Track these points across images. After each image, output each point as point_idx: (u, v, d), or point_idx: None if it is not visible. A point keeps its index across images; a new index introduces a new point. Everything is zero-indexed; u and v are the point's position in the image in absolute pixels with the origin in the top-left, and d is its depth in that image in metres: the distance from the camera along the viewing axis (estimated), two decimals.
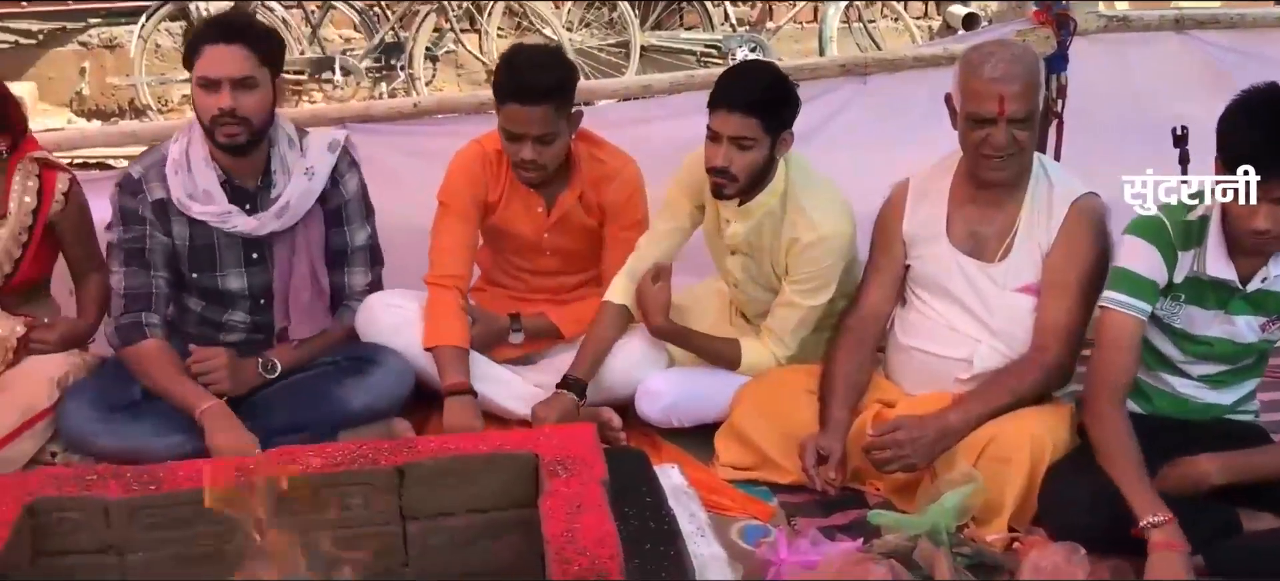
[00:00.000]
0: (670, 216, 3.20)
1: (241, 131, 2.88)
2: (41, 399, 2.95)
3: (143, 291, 2.99)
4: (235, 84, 2.83)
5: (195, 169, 2.98)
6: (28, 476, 2.21)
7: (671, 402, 3.10)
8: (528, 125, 3.00)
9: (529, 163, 3.05)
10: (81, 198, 3.15)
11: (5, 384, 2.98)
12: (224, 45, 2.83)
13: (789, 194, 3.02)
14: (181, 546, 2.16)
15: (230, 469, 2.20)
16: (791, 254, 3.02)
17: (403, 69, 7.42)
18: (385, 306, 3.18)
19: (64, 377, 3.00)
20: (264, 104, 2.91)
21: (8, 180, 3.03)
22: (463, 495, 2.26)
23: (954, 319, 2.88)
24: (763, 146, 2.89)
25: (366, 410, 3.03)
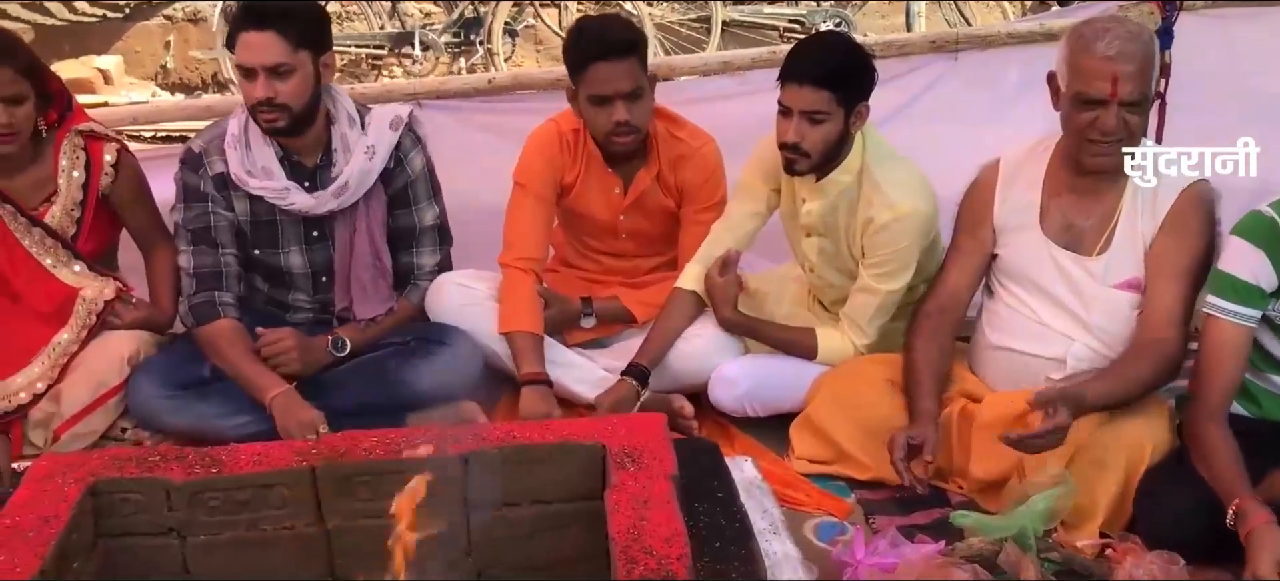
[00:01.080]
0: (746, 200, 3.09)
1: (280, 117, 2.84)
2: (113, 376, 2.96)
3: (212, 270, 2.97)
4: (270, 71, 2.78)
5: (254, 144, 2.95)
6: (89, 456, 2.17)
7: (747, 391, 3.00)
8: (619, 81, 2.92)
9: (624, 124, 2.97)
10: (133, 167, 3.12)
11: (78, 361, 2.98)
12: (257, 32, 2.77)
13: (865, 171, 2.89)
14: (244, 530, 2.12)
15: (289, 453, 2.17)
16: (867, 234, 2.89)
17: (482, 44, 7.38)
18: (455, 286, 3.12)
19: (135, 355, 3.00)
20: (303, 88, 2.84)
21: (55, 156, 3.02)
22: (527, 485, 2.19)
23: (1046, 314, 2.72)
24: (836, 120, 2.78)
25: (435, 392, 2.96)
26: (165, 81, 8.11)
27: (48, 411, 2.92)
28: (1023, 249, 2.75)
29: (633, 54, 2.93)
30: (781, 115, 2.81)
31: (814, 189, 2.93)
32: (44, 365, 2.96)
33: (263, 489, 2.11)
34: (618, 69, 2.91)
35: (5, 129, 2.83)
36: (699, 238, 3.15)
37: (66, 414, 2.92)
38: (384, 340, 3.08)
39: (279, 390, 2.84)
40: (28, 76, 2.85)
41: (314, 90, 2.88)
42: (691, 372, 3.06)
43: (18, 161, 2.96)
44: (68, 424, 2.91)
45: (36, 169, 3.00)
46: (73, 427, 2.91)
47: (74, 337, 2.99)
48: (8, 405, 2.90)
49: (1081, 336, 2.68)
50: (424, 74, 7.17)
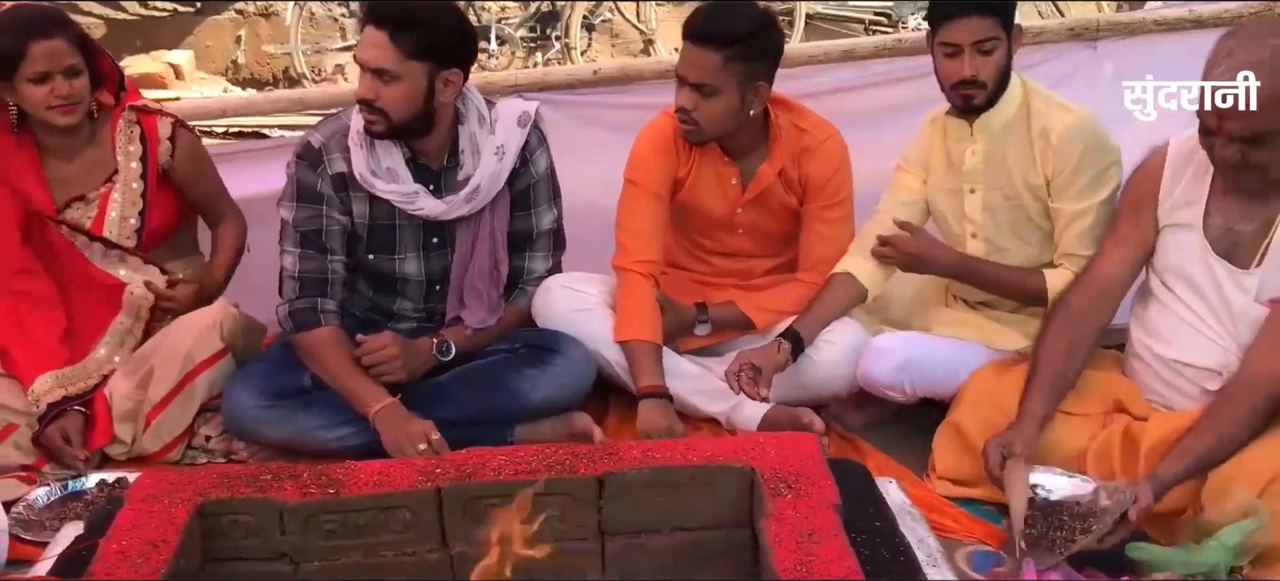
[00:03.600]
0: (900, 193, 2.91)
1: (378, 121, 2.68)
2: (202, 348, 2.84)
3: (317, 276, 2.81)
4: (375, 73, 2.63)
5: (379, 145, 2.77)
6: (195, 473, 2.01)
7: (903, 361, 2.76)
8: (686, 68, 2.76)
9: (680, 111, 2.80)
10: (191, 141, 3.02)
11: (162, 341, 2.87)
12: (373, 29, 2.63)
13: (1028, 96, 2.77)
14: (361, 556, 1.96)
15: (412, 472, 1.98)
16: (1049, 151, 2.71)
17: (558, 39, 7.24)
18: (565, 291, 2.94)
19: (222, 323, 2.87)
20: (407, 99, 2.66)
21: (111, 136, 2.93)
22: (669, 511, 2.00)
23: (1204, 320, 2.48)
24: (1003, 47, 2.67)
25: (546, 403, 2.81)
26: (236, 76, 8.05)
27: (135, 399, 2.80)
28: (1183, 250, 2.50)
29: (718, 47, 2.73)
30: (948, 56, 2.68)
31: (976, 130, 2.77)
32: (109, 347, 2.90)
33: (384, 511, 1.94)
34: (692, 55, 2.76)
35: (67, 100, 2.76)
36: (823, 236, 2.96)
37: (156, 397, 2.80)
38: (490, 346, 2.90)
39: (383, 403, 2.67)
40: (81, 49, 2.80)
41: (423, 104, 2.69)
42: (824, 380, 2.85)
43: (75, 143, 2.88)
44: (158, 407, 2.80)
45: (94, 150, 2.92)
46: (163, 411, 2.80)
47: (130, 326, 2.92)
48: (84, 385, 2.81)
49: (1234, 351, 2.43)
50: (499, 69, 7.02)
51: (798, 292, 2.98)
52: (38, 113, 2.76)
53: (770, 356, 2.75)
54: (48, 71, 2.71)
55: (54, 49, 2.70)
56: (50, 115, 2.76)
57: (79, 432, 2.75)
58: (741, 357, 2.75)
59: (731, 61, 2.72)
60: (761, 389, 2.69)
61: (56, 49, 2.71)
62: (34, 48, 2.68)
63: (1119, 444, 2.49)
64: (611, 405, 3.03)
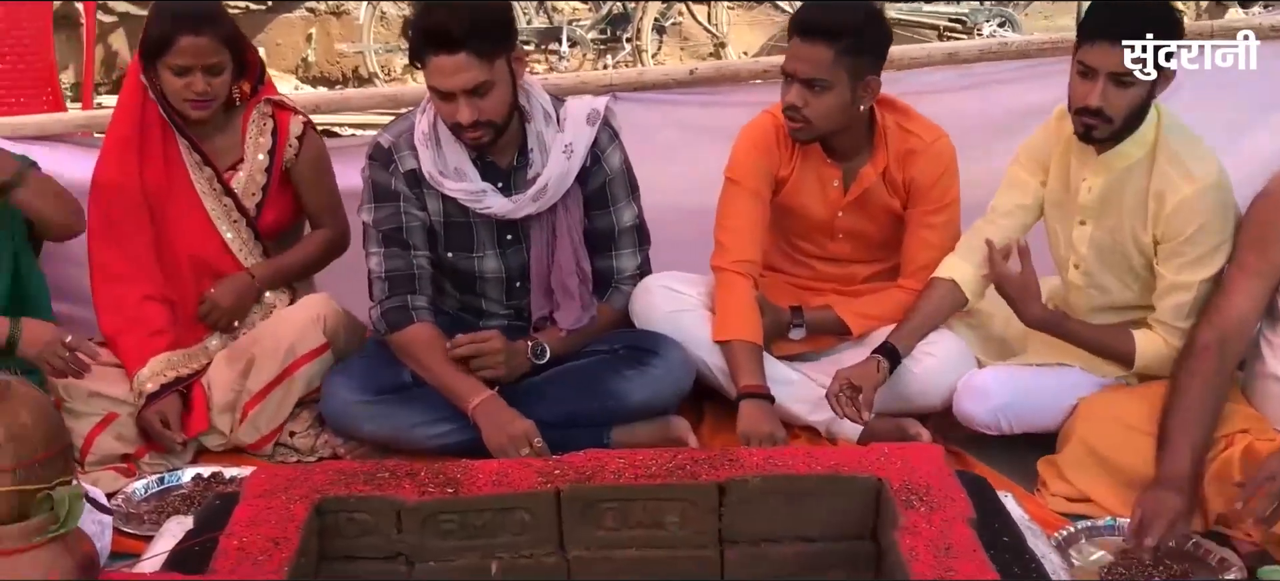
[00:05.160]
0: (1015, 194, 2.79)
1: (486, 133, 2.64)
2: (304, 341, 2.83)
3: (404, 273, 2.78)
4: (470, 93, 2.57)
5: (444, 144, 2.74)
6: (313, 470, 1.98)
7: (1002, 403, 2.68)
8: (798, 64, 2.68)
9: (788, 106, 2.72)
10: (317, 145, 3.01)
11: (264, 332, 2.89)
12: (448, 56, 2.53)
13: (1160, 144, 2.57)
14: (478, 558, 1.92)
15: (531, 473, 1.94)
16: (1161, 216, 2.56)
17: (629, 41, 7.21)
18: (664, 291, 2.88)
19: (323, 318, 2.86)
20: (505, 96, 2.64)
21: (243, 125, 2.94)
22: (791, 520, 1.95)
23: None
24: (1146, 85, 2.48)
25: (645, 405, 2.76)
26: (306, 74, 8.09)
27: (235, 390, 2.80)
28: None
29: (824, 39, 2.67)
30: (1081, 77, 2.50)
31: (1097, 164, 2.61)
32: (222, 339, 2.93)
33: (502, 512, 1.91)
34: (804, 49, 2.68)
35: (202, 96, 2.77)
36: (927, 243, 2.87)
37: (255, 388, 2.79)
38: (586, 348, 2.86)
39: (482, 396, 2.64)
40: (228, 46, 2.79)
41: (514, 93, 2.67)
42: (921, 392, 2.77)
43: (208, 128, 2.89)
44: (256, 398, 2.79)
45: (224, 137, 2.93)
46: (261, 402, 2.79)
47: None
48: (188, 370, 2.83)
49: None
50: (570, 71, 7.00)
51: (898, 300, 2.90)
52: (173, 101, 2.78)
53: (869, 375, 2.66)
54: (190, 66, 2.72)
55: (200, 45, 2.71)
56: (183, 107, 2.78)
57: (177, 416, 2.76)
58: (840, 378, 2.66)
59: (843, 55, 2.66)
60: (864, 412, 2.61)
61: (202, 46, 2.71)
62: (182, 40, 2.69)
63: (1239, 461, 2.39)
64: (706, 410, 2.98)
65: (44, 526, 1.47)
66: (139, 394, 2.75)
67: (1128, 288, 2.69)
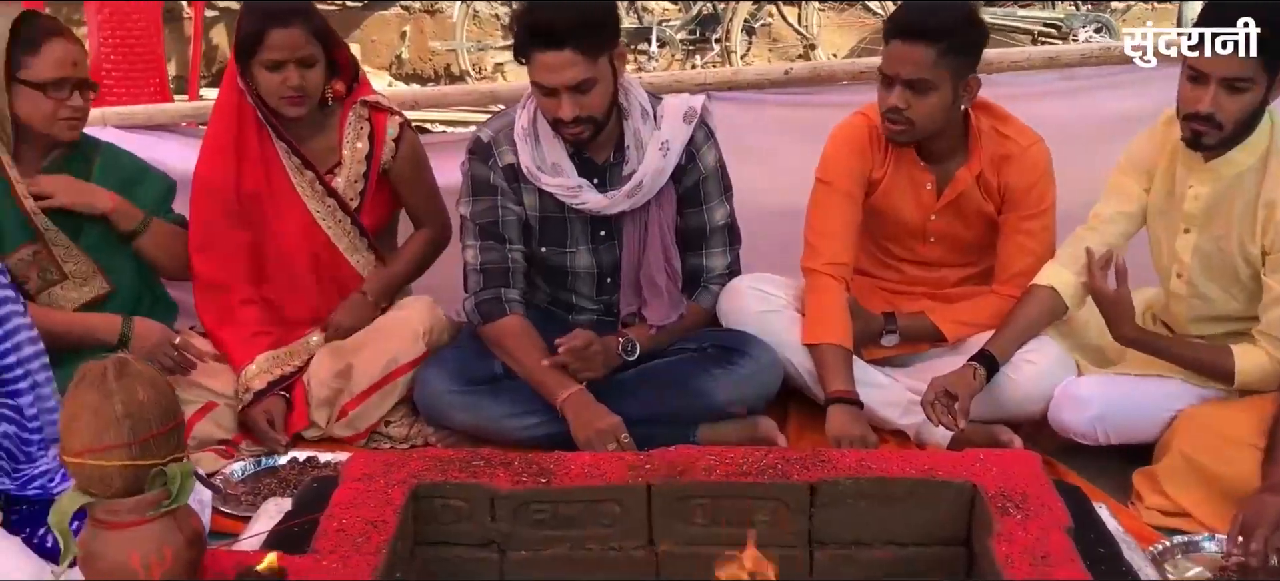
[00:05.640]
0: (1118, 200, 2.73)
1: (587, 129, 2.66)
2: (406, 352, 2.88)
3: (499, 267, 2.82)
4: (574, 89, 2.59)
5: (543, 139, 2.78)
6: (410, 457, 2.02)
7: (1100, 413, 2.62)
8: (899, 65, 2.65)
9: (896, 111, 2.69)
10: (413, 144, 3.03)
11: (369, 339, 2.92)
12: (553, 52, 2.56)
13: (1273, 150, 2.50)
14: (568, 548, 1.94)
15: (622, 466, 1.96)
16: (1271, 225, 2.48)
17: (717, 42, 7.20)
18: (753, 291, 2.88)
19: (429, 330, 2.92)
20: (607, 93, 2.66)
21: (340, 126, 2.96)
22: (883, 523, 1.94)
23: None
24: (1258, 89, 2.41)
25: (732, 405, 2.75)
26: (399, 71, 8.20)
27: (334, 388, 2.84)
28: None
29: (931, 41, 2.63)
30: (1191, 81, 2.44)
31: (1204, 171, 2.54)
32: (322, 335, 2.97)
33: (593, 504, 1.92)
34: (909, 51, 2.65)
35: (297, 91, 2.80)
36: (1022, 248, 2.83)
37: (355, 390, 2.84)
38: (673, 345, 2.87)
39: (571, 391, 2.66)
40: (319, 39, 2.82)
41: (615, 89, 2.69)
42: (1020, 400, 2.73)
43: (305, 130, 2.92)
44: (356, 400, 2.84)
45: (322, 139, 2.96)
46: (361, 405, 2.84)
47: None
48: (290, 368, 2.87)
49: None
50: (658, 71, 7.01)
51: (993, 306, 2.86)
52: (269, 100, 2.81)
53: (965, 383, 2.62)
54: (282, 60, 2.75)
55: (291, 38, 2.74)
56: (279, 104, 2.81)
57: (282, 418, 2.80)
58: (935, 385, 2.63)
59: (945, 55, 2.63)
60: (959, 420, 2.58)
61: (294, 38, 2.74)
62: (272, 35, 2.72)
63: None
64: (791, 411, 2.96)
65: (157, 501, 1.52)
66: (245, 389, 2.80)
67: (1233, 298, 2.62)
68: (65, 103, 2.69)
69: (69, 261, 2.79)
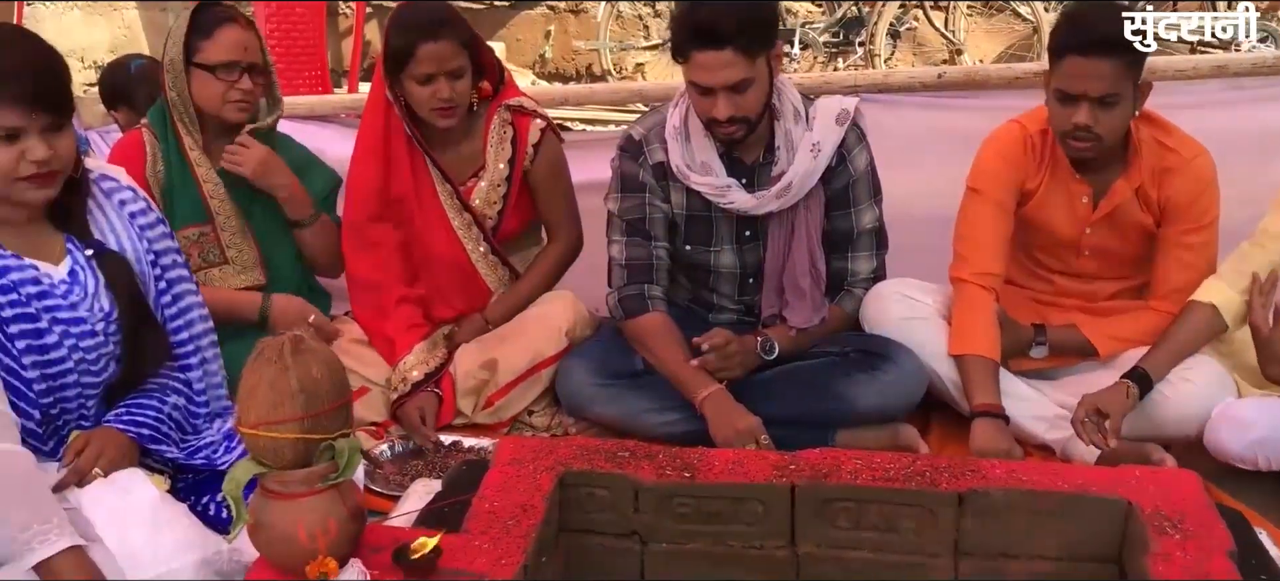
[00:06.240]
0: None
1: (741, 129, 2.67)
2: (549, 346, 2.93)
3: (644, 263, 2.85)
4: (731, 89, 2.60)
5: (694, 139, 2.79)
6: (558, 444, 2.06)
7: (1263, 436, 2.50)
8: (1088, 80, 2.54)
9: (1083, 129, 2.59)
10: (553, 149, 3.05)
11: (514, 331, 2.98)
12: (714, 51, 2.56)
13: None
14: (709, 543, 1.95)
15: (767, 465, 1.96)
16: None
17: (861, 45, 7.12)
18: (899, 298, 2.85)
19: (572, 327, 2.96)
20: (762, 94, 2.67)
21: (485, 131, 3.00)
22: (1032, 537, 1.90)
23: None
24: None
25: (874, 411, 2.72)
26: (542, 70, 8.33)
27: (480, 379, 2.91)
28: None
29: (1119, 54, 2.54)
30: None
31: None
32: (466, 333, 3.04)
33: (736, 501, 1.93)
34: (1095, 67, 2.54)
35: (446, 103, 2.84)
36: (1182, 263, 2.73)
37: (501, 382, 2.90)
38: (814, 348, 2.86)
39: (711, 390, 2.67)
40: (466, 49, 2.86)
41: (770, 90, 2.70)
42: (1175, 419, 2.63)
43: (452, 136, 2.97)
44: (501, 391, 2.90)
45: (467, 144, 3.01)
46: (505, 396, 2.90)
47: None
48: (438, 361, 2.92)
49: None
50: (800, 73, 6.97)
51: (1148, 322, 2.77)
52: (420, 111, 2.87)
53: (1118, 401, 2.54)
54: (433, 73, 2.79)
55: (441, 51, 2.78)
56: (430, 116, 2.86)
57: (434, 414, 2.86)
58: (1085, 402, 2.56)
59: (1129, 67, 2.55)
60: (1110, 439, 2.50)
61: (443, 51, 2.78)
62: (422, 48, 2.77)
63: None
64: (933, 421, 2.91)
65: (325, 473, 1.58)
66: (402, 380, 2.87)
67: None
68: (235, 85, 2.82)
69: (232, 247, 2.92)
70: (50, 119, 1.94)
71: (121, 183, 2.22)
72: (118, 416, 2.15)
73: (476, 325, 3.05)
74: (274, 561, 1.62)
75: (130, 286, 2.13)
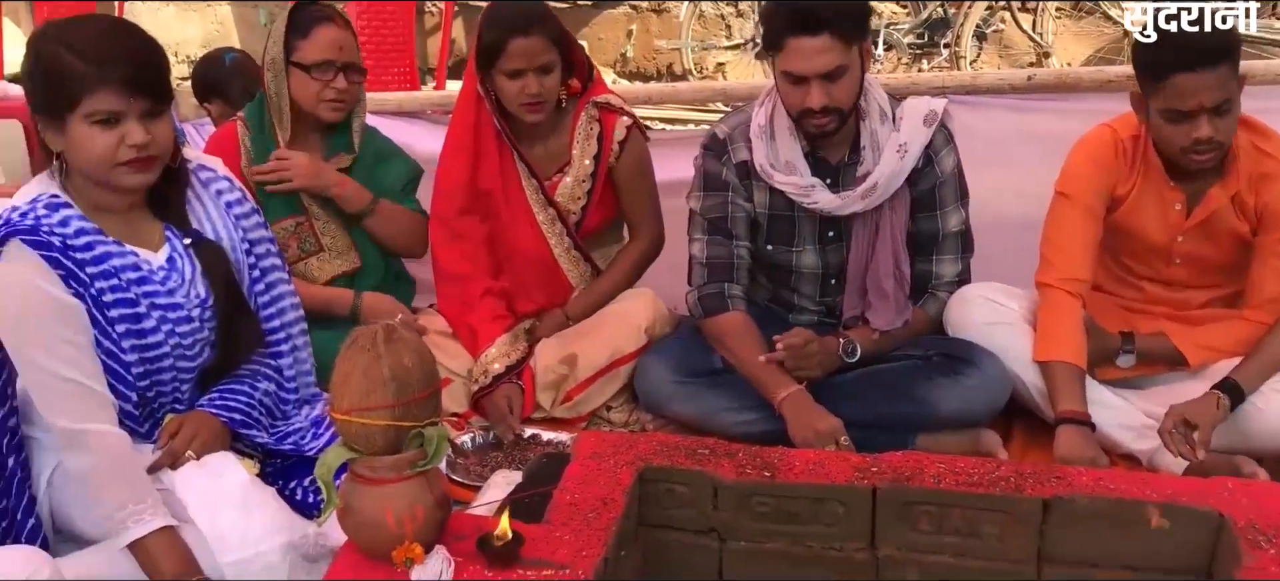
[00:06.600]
0: None
1: (833, 120, 2.65)
2: (629, 343, 2.95)
3: (724, 262, 2.86)
4: (825, 77, 2.58)
5: (779, 137, 2.78)
6: (636, 438, 2.07)
7: None
8: (1203, 92, 2.48)
9: (1207, 141, 2.53)
10: (639, 147, 3.07)
11: (594, 327, 3.01)
12: (810, 37, 2.55)
13: None
14: (788, 543, 1.94)
15: (848, 467, 1.95)
16: None
17: (947, 46, 7.04)
18: (984, 302, 2.81)
19: (651, 325, 2.98)
20: (855, 85, 2.65)
21: (572, 127, 3.02)
22: (1118, 547, 1.86)
23: None
24: None
25: (955, 415, 2.69)
26: (623, 69, 8.37)
27: (559, 373, 2.94)
28: None
29: (1226, 60, 2.49)
30: None
31: None
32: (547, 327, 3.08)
33: (816, 502, 1.92)
34: (1205, 79, 2.48)
35: (535, 99, 2.87)
36: (1278, 272, 2.66)
37: (580, 377, 2.93)
38: (895, 350, 2.84)
39: (790, 390, 2.66)
40: (557, 45, 2.88)
41: (860, 85, 2.68)
42: (1268, 432, 2.56)
43: (539, 131, 3.00)
44: (580, 386, 2.93)
45: (554, 139, 3.04)
46: (584, 391, 2.93)
47: None
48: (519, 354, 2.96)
49: None
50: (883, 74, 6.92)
51: (1242, 332, 2.70)
52: (509, 106, 2.91)
53: (1207, 413, 2.48)
54: (522, 68, 2.83)
55: (531, 47, 2.82)
56: (519, 111, 2.90)
57: (520, 405, 2.89)
58: (1174, 413, 2.50)
59: (1234, 67, 2.51)
60: (1198, 451, 2.44)
61: (533, 47, 2.82)
62: (513, 44, 2.81)
63: None
64: (1015, 428, 2.88)
65: (413, 460, 1.61)
66: (484, 373, 2.92)
67: None
68: (330, 84, 2.88)
69: (327, 235, 3.00)
70: (149, 104, 2.00)
71: (218, 173, 2.28)
72: (211, 401, 2.21)
73: (557, 320, 3.08)
74: (362, 546, 1.65)
75: (226, 274, 2.19)
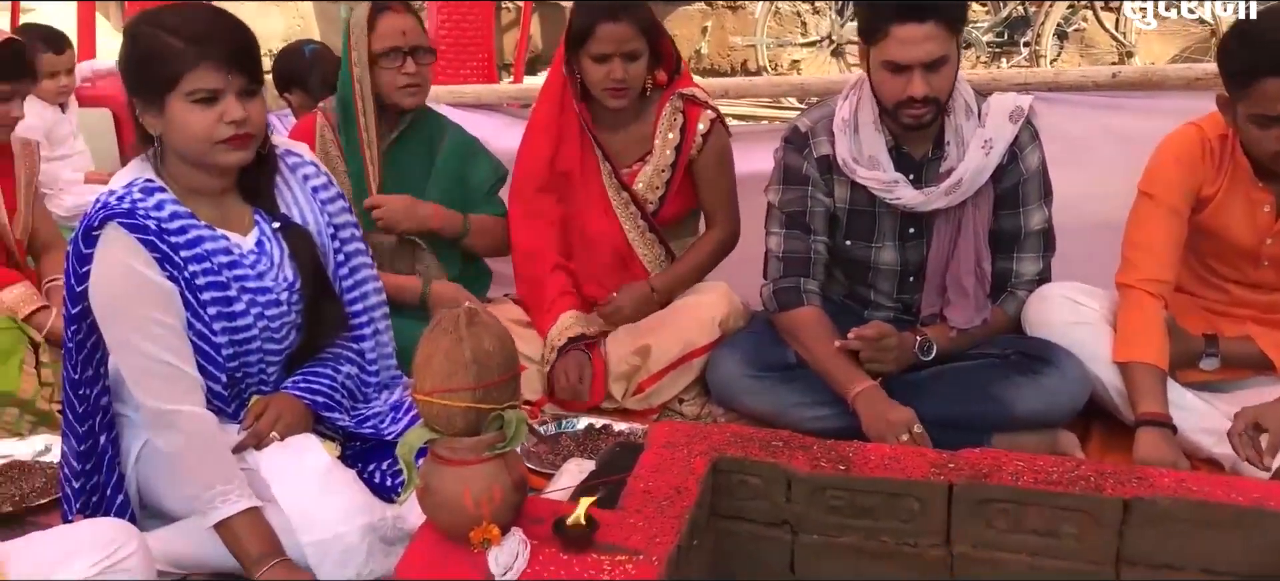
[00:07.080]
0: None
1: (929, 111, 2.63)
2: (701, 336, 2.96)
3: (801, 256, 2.85)
4: (927, 67, 2.55)
5: (862, 132, 2.77)
6: (710, 429, 2.09)
7: None
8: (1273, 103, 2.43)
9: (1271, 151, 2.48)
10: (721, 140, 3.08)
11: (666, 321, 3.02)
12: (917, 25, 2.51)
13: None
14: (861, 538, 1.94)
15: (924, 463, 1.94)
16: None
17: (1027, 45, 6.94)
18: (1064, 301, 2.78)
19: (725, 318, 2.99)
20: (950, 76, 2.62)
21: (656, 116, 3.04)
22: (1199, 550, 1.83)
23: None
24: None
25: (1032, 415, 2.66)
26: (697, 66, 8.37)
27: (632, 364, 2.95)
28: None
29: None
30: None
31: None
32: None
33: (891, 497, 1.91)
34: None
35: (619, 84, 2.90)
36: None
37: (652, 369, 2.94)
38: (973, 349, 2.81)
39: (864, 385, 2.65)
40: (645, 34, 2.90)
41: (955, 77, 2.66)
42: None
43: (622, 118, 3.03)
44: (653, 378, 2.94)
45: (637, 127, 3.07)
46: (657, 383, 2.94)
47: None
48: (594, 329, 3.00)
49: None
50: None
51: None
52: (593, 90, 2.96)
53: (1278, 417, 2.42)
54: (609, 53, 2.87)
55: (619, 32, 2.86)
56: (603, 95, 2.94)
57: (588, 376, 2.93)
58: (1243, 416, 2.44)
59: None
60: (1266, 457, 2.37)
61: (621, 33, 2.86)
62: (601, 28, 2.85)
63: None
64: (1094, 430, 2.84)
65: (492, 442, 1.64)
66: (551, 349, 2.96)
67: None
68: (401, 71, 2.94)
69: None
70: (245, 82, 2.06)
71: (305, 158, 2.34)
72: (294, 383, 2.26)
73: (641, 292, 3.09)
74: (440, 525, 1.69)
75: (312, 258, 2.24)
